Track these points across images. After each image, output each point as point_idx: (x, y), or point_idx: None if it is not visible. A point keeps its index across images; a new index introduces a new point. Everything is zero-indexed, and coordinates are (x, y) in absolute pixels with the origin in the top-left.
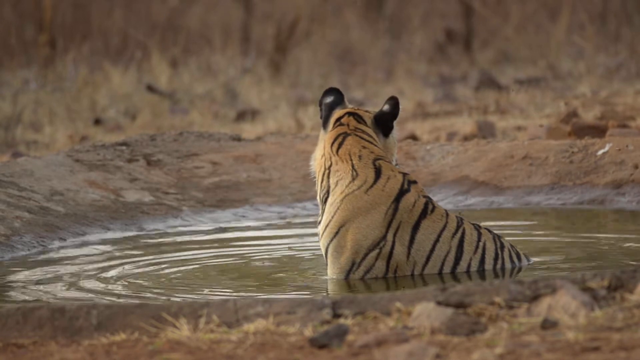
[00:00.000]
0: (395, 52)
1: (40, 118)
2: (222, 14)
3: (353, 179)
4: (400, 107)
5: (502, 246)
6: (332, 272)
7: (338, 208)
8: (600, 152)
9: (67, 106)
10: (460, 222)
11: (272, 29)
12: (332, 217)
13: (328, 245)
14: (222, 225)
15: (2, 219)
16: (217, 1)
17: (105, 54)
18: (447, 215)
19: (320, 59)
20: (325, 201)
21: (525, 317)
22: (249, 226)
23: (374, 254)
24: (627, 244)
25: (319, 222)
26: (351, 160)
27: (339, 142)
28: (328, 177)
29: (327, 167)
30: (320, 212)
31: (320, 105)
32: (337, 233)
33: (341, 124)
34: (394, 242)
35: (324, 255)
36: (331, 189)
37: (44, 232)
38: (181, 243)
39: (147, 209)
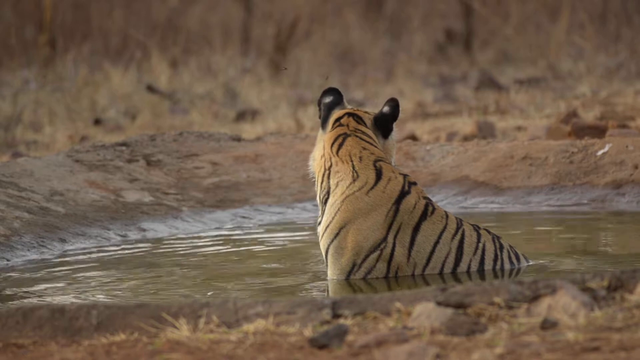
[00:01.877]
0: (395, 52)
1: (40, 118)
2: (222, 14)
3: (354, 180)
4: (400, 108)
5: (502, 247)
6: (332, 273)
7: (339, 209)
8: (600, 153)
9: (67, 106)
10: (459, 224)
11: (272, 29)
12: (333, 218)
13: (328, 246)
14: (222, 225)
15: (1, 219)
16: (217, 1)
17: (105, 54)
18: (447, 216)
19: (320, 59)
20: (325, 202)
21: (525, 317)
22: (249, 226)
23: (374, 255)
24: (627, 244)
25: (319, 223)
26: (352, 161)
27: (339, 142)
28: (328, 178)
29: (327, 167)
30: (320, 212)
31: (319, 105)
32: (337, 234)
33: (341, 125)
34: (394, 244)
35: (323, 256)
36: (331, 190)
37: (44, 233)
38: (181, 244)
39: (147, 209)
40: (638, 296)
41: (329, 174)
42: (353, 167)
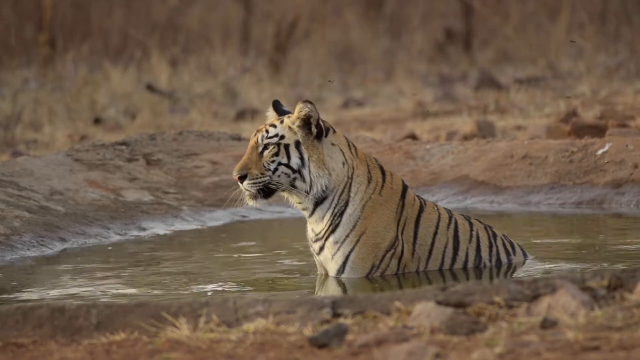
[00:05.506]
0: (395, 52)
1: (39, 117)
2: (222, 13)
3: (369, 182)
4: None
5: (495, 235)
6: (350, 278)
7: (359, 217)
8: (599, 152)
9: (67, 105)
10: (450, 213)
11: (271, 29)
12: (353, 227)
13: (349, 254)
14: (222, 224)
15: (1, 218)
16: (217, 1)
17: (105, 53)
18: (437, 207)
19: (320, 58)
20: (341, 214)
21: (525, 316)
22: (249, 225)
23: (389, 254)
24: (627, 244)
25: (324, 237)
26: (367, 161)
27: (352, 144)
28: (349, 188)
29: (349, 176)
30: (327, 225)
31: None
32: (357, 241)
33: (332, 126)
34: (402, 240)
35: (336, 264)
36: (351, 199)
37: (44, 232)
38: (181, 243)
39: (146, 209)
40: (638, 295)
41: (350, 183)
42: (368, 168)
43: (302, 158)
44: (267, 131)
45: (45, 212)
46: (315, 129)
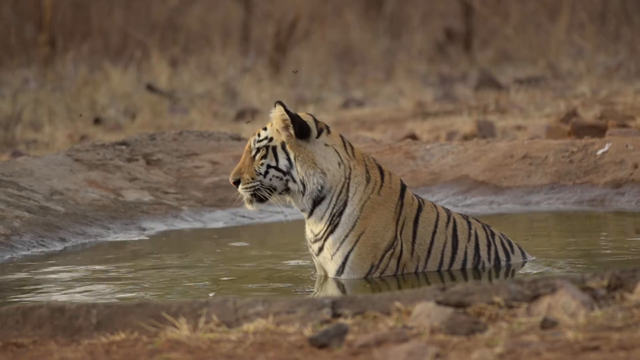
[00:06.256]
0: (395, 52)
1: (39, 117)
2: (222, 13)
3: (367, 182)
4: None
5: (493, 234)
6: (350, 278)
7: (358, 217)
8: (600, 152)
9: (67, 105)
10: (448, 212)
11: (272, 29)
12: (352, 227)
13: (348, 254)
14: (222, 224)
15: (1, 218)
16: (217, 1)
17: (105, 53)
18: (435, 206)
19: (320, 58)
20: (340, 214)
21: (525, 316)
22: (249, 226)
23: (388, 254)
24: (627, 243)
25: (323, 237)
26: (364, 161)
27: (348, 143)
28: (347, 188)
29: (347, 176)
30: (326, 226)
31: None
32: (357, 241)
33: (327, 126)
34: (401, 239)
35: (335, 265)
36: (349, 199)
37: (44, 232)
38: (181, 243)
39: (146, 209)
40: (638, 296)
41: (348, 184)
42: (366, 168)
43: (288, 159)
44: (258, 135)
45: (45, 212)
46: (293, 130)
